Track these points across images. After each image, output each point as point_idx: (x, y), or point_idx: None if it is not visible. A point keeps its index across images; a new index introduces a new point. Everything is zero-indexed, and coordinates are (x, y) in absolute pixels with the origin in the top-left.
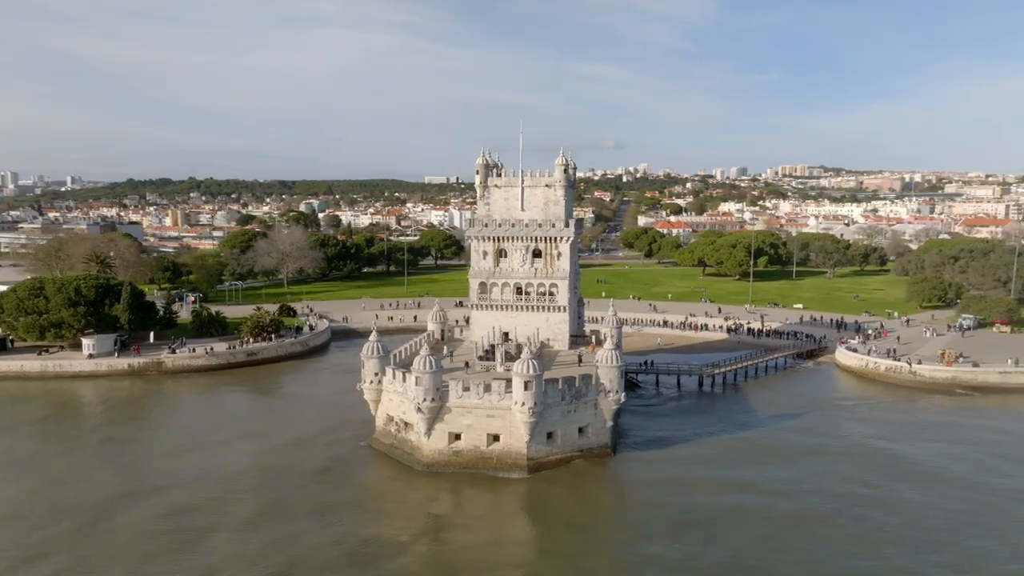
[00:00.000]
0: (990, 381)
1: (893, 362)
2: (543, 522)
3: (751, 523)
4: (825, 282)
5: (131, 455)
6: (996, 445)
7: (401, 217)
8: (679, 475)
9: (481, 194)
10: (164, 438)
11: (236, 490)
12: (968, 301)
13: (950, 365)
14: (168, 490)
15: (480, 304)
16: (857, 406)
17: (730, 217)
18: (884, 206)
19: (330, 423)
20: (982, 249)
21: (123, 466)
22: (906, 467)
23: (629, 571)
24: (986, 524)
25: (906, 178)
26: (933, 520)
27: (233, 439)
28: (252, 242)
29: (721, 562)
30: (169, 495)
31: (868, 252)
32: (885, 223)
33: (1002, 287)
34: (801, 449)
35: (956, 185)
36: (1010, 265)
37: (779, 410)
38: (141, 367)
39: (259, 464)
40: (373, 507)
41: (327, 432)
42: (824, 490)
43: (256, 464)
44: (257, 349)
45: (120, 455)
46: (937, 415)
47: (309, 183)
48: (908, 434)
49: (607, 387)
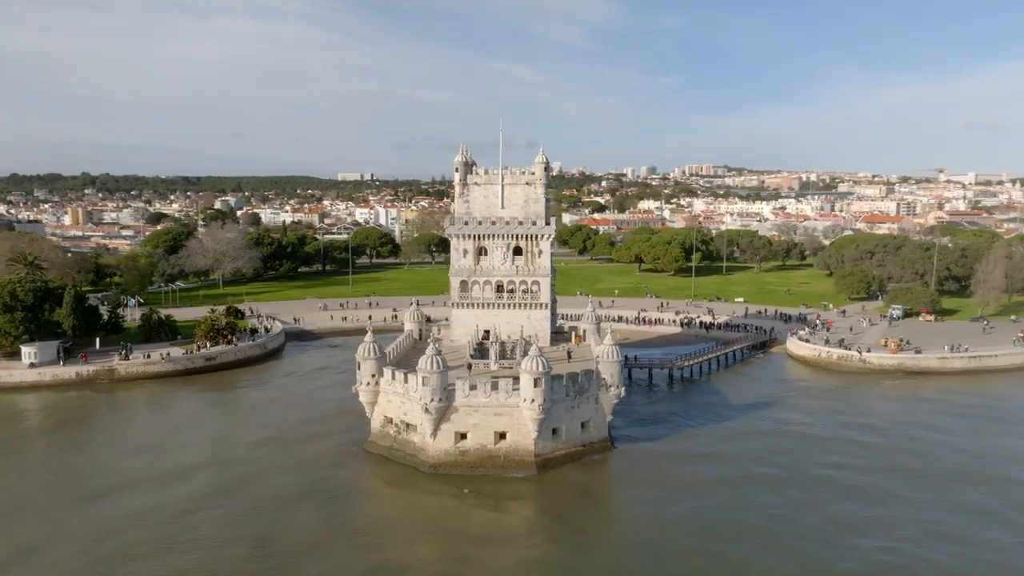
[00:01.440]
0: (931, 366)
1: (844, 351)
2: (560, 524)
3: (767, 509)
4: (754, 276)
5: (90, 477)
6: (951, 418)
7: (324, 215)
8: (682, 469)
9: (460, 192)
10: (130, 457)
11: (235, 506)
12: (896, 293)
13: (896, 352)
14: (147, 520)
15: (461, 302)
16: (823, 392)
17: (651, 214)
18: (791, 204)
19: (316, 429)
20: (894, 244)
21: (78, 495)
22: (900, 449)
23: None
24: (937, 480)
25: (803, 177)
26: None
27: (214, 451)
28: (182, 241)
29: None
30: (150, 528)
31: (789, 248)
32: (795, 220)
33: (919, 279)
34: (787, 434)
35: (848, 184)
36: (924, 259)
37: (751, 398)
38: (91, 375)
39: (250, 475)
40: (381, 515)
41: (315, 439)
42: (813, 475)
43: (247, 475)
44: (215, 353)
45: (76, 478)
46: (892, 398)
47: (215, 179)
48: (882, 414)
49: (608, 381)
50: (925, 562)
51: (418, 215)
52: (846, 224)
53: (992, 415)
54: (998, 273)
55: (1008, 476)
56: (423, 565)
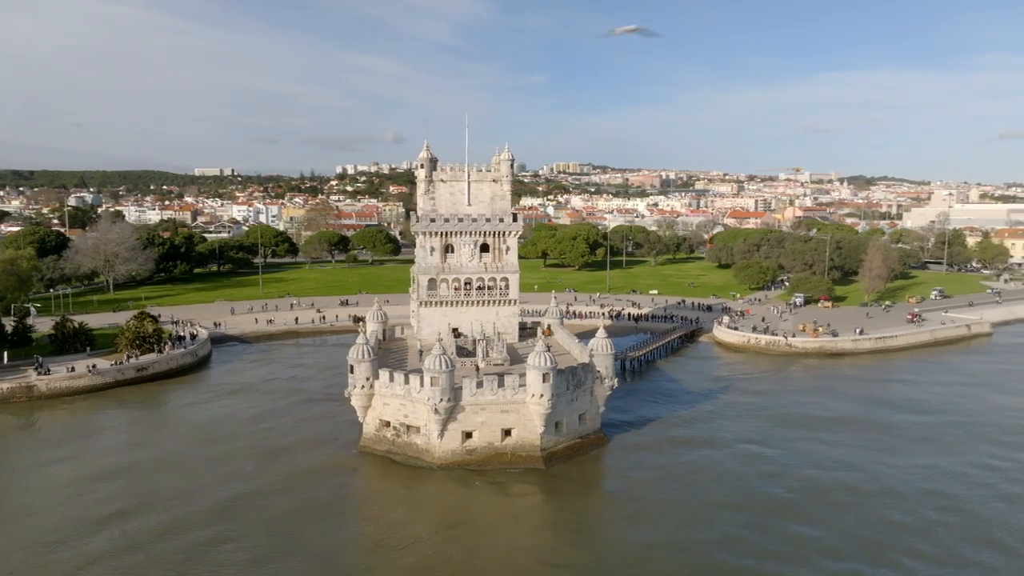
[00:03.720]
0: (846, 347)
1: (772, 337)
2: (572, 520)
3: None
4: (652, 270)
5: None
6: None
7: (196, 212)
8: (684, 457)
9: (426, 189)
10: (92, 485)
11: (244, 530)
12: (797, 282)
13: (816, 336)
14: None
15: (430, 300)
16: (765, 373)
17: (536, 211)
18: (662, 201)
19: (296, 438)
20: (776, 238)
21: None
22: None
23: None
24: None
25: (663, 175)
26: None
27: (191, 475)
28: (52, 242)
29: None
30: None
31: (679, 242)
32: (670, 216)
33: (808, 269)
34: (746, 414)
35: (703, 182)
36: (809, 251)
37: (708, 384)
38: (6, 394)
39: (244, 496)
40: (397, 519)
41: (301, 449)
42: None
43: (241, 496)
44: (147, 363)
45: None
46: (825, 375)
47: (51, 173)
48: (843, 391)
49: (603, 374)
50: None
51: (307, 212)
52: (716, 219)
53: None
54: (879, 263)
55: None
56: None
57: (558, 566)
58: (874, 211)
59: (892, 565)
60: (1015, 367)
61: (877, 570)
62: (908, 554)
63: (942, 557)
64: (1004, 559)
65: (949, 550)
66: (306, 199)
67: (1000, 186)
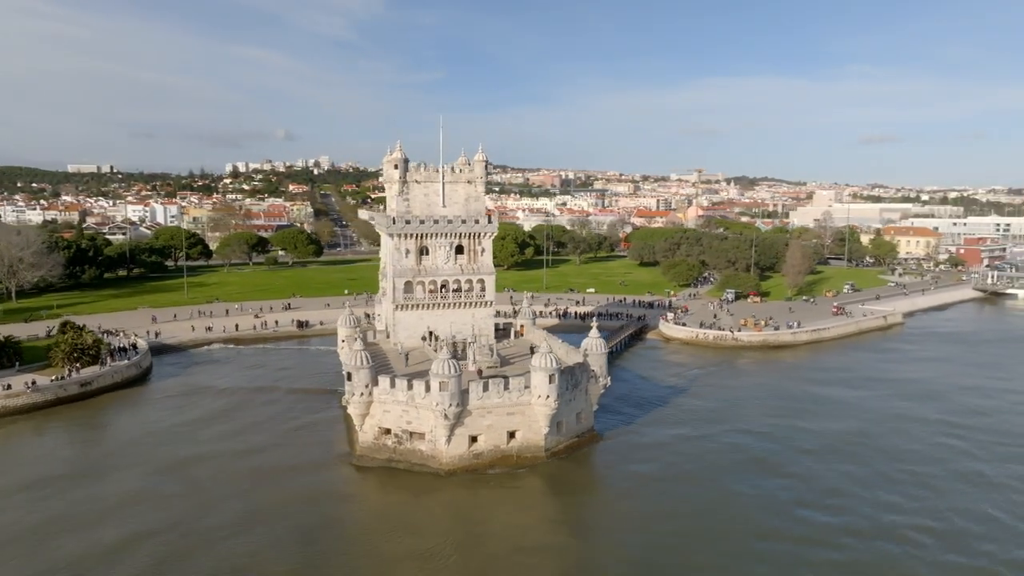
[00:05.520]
0: (786, 340)
1: (719, 331)
2: (593, 518)
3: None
4: (579, 268)
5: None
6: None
7: (86, 212)
8: (680, 448)
9: (400, 189)
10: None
11: (270, 552)
12: (726, 279)
13: (759, 330)
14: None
15: (406, 304)
16: (718, 364)
17: None
18: (571, 200)
19: (283, 453)
20: (694, 236)
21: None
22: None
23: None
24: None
25: (562, 175)
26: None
27: (173, 497)
28: None
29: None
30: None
31: (601, 241)
32: (580, 215)
33: (731, 266)
34: (721, 398)
35: (601, 182)
36: (731, 249)
37: (670, 377)
38: None
39: (245, 518)
40: (416, 524)
41: (293, 465)
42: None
43: (243, 519)
44: (90, 377)
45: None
46: (773, 366)
47: None
48: (815, 377)
49: (597, 373)
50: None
51: (214, 212)
52: (624, 219)
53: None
54: (799, 259)
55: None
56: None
57: (596, 567)
58: (763, 210)
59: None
60: (926, 348)
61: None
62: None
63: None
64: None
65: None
66: (201, 198)
67: (865, 187)
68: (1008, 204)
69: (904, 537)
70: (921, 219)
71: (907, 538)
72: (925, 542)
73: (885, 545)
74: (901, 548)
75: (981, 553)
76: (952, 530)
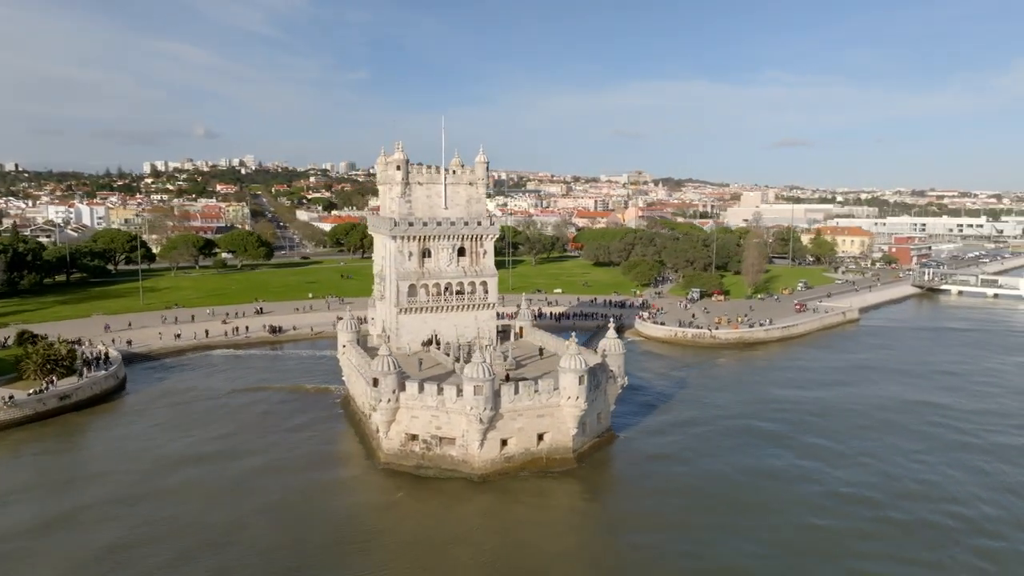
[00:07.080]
0: (760, 337)
1: (697, 330)
2: (630, 520)
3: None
4: (536, 269)
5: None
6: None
7: (2, 213)
8: (696, 445)
9: (402, 191)
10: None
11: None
12: (690, 278)
13: (736, 328)
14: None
15: (409, 307)
16: (704, 362)
17: None
18: (511, 201)
19: (301, 462)
20: (647, 237)
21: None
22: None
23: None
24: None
25: (497, 175)
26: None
27: (210, 523)
28: None
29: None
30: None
31: (554, 241)
32: (523, 216)
33: (689, 266)
34: (712, 394)
35: (535, 183)
36: (688, 249)
37: (661, 374)
38: None
39: (279, 532)
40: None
41: (313, 474)
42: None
43: (276, 537)
44: (68, 390)
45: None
46: (755, 362)
47: None
48: (807, 370)
49: (616, 373)
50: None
51: (150, 213)
52: (566, 219)
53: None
54: (756, 258)
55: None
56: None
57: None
58: (696, 210)
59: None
60: (883, 339)
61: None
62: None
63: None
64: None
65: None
66: (123, 198)
67: (784, 188)
68: (914, 204)
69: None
70: (844, 219)
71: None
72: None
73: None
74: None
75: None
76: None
